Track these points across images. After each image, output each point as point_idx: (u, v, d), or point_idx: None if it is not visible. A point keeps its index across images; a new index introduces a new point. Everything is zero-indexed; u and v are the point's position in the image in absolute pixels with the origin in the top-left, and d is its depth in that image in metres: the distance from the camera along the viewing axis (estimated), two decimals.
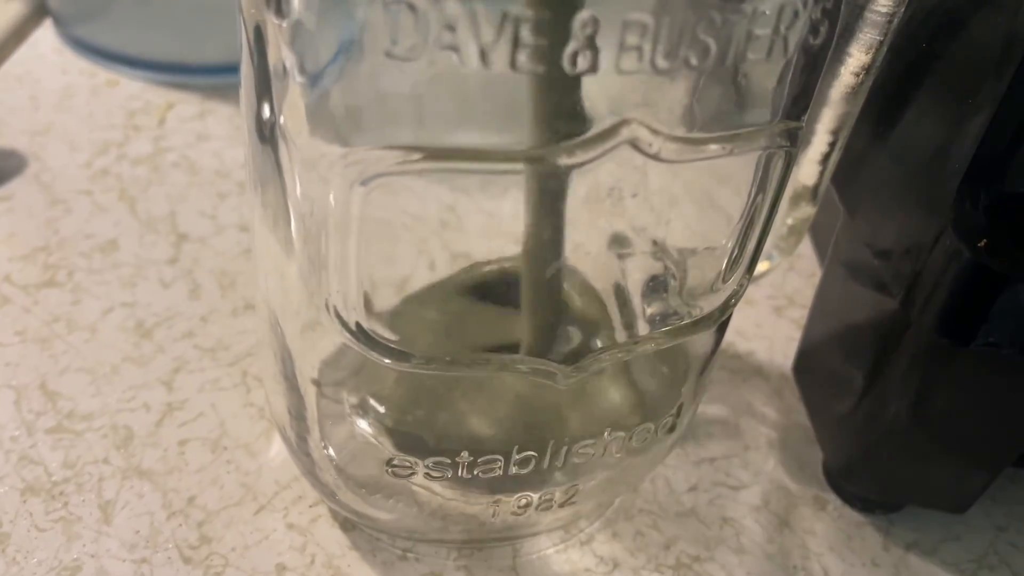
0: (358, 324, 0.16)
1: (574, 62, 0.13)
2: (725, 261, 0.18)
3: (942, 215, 0.19)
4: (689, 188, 0.17)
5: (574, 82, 0.14)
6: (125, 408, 0.24)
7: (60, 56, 0.38)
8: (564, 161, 0.14)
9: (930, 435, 0.22)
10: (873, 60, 0.21)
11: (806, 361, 0.27)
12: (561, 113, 0.14)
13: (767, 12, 0.14)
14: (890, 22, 0.20)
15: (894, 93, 0.22)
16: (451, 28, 0.12)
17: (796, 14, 0.14)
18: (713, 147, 0.15)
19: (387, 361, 0.16)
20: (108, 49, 0.38)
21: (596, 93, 0.14)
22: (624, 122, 0.14)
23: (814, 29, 0.15)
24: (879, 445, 0.23)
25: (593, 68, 0.13)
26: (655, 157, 0.15)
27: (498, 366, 0.17)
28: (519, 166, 0.15)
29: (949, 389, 0.21)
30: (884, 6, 0.19)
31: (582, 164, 0.14)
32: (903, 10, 0.20)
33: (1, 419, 0.24)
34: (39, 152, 0.33)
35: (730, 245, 0.17)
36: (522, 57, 0.13)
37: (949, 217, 0.19)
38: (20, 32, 0.39)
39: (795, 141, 0.16)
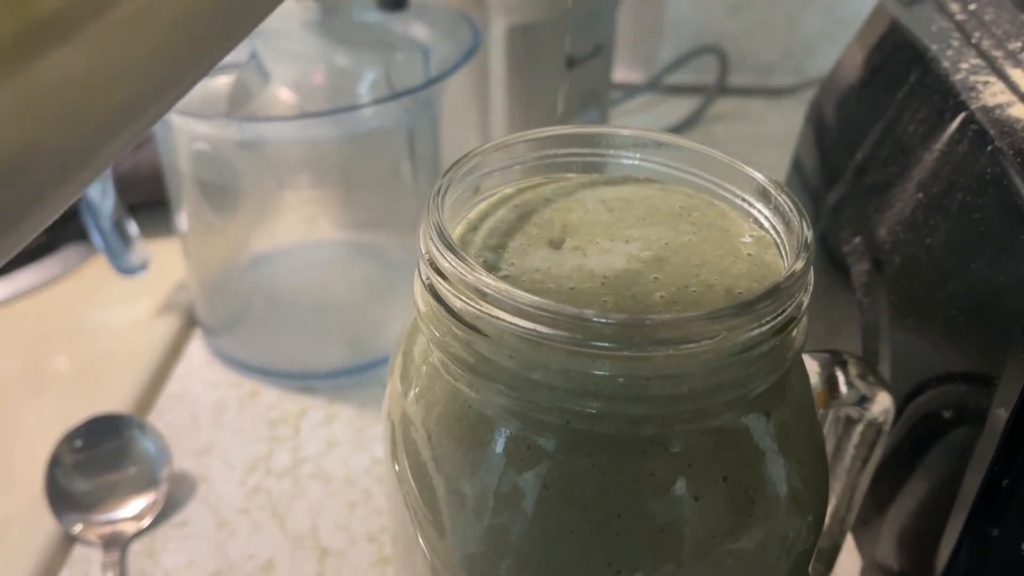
0: None
1: None
2: None
3: None
4: None
5: None
6: None
7: (211, 369, 0.47)
8: None
9: None
10: (870, 456, 0.27)
11: None
12: None
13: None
14: (874, 443, 0.26)
15: (889, 475, 0.27)
16: None
17: (793, 543, 0.20)
18: None
19: None
20: (246, 361, 0.46)
21: None
22: None
23: (806, 540, 0.21)
24: None
25: None
26: None
27: None
28: None
29: None
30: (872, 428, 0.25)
31: None
32: (885, 432, 0.26)
33: None
34: (204, 473, 0.41)
35: None
36: None
37: None
38: (177, 347, 0.48)
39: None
